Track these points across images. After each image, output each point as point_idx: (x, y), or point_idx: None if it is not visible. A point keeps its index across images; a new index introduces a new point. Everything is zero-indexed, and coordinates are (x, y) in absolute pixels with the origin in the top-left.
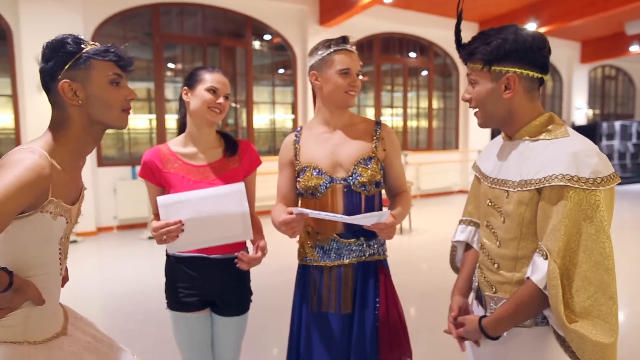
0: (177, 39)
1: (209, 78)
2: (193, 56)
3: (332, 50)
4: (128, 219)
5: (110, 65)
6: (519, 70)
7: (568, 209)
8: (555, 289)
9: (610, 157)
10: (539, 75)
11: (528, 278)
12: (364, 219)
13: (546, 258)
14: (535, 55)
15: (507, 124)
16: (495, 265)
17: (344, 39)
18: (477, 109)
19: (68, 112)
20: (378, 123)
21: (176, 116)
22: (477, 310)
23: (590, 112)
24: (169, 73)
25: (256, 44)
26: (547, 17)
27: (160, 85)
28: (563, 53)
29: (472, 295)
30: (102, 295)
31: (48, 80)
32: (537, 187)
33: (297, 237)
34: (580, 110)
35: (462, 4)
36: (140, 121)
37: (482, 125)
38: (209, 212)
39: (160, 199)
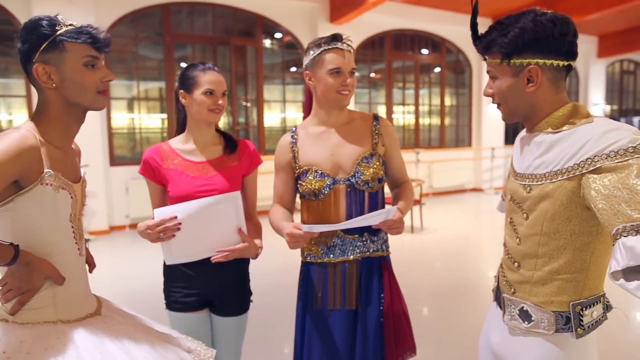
0: (188, 38)
1: (204, 80)
2: (204, 55)
3: (322, 49)
4: (140, 218)
5: (84, 47)
6: (541, 61)
7: (635, 174)
8: None
9: None
10: (566, 63)
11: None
12: (372, 219)
13: (636, 233)
14: (558, 42)
15: (530, 118)
16: (516, 264)
17: (334, 37)
18: (499, 105)
19: (45, 94)
20: (376, 118)
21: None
22: (496, 313)
23: (608, 107)
24: (180, 72)
25: (267, 43)
26: (562, 10)
27: (171, 85)
28: (579, 48)
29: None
30: (114, 293)
31: (25, 62)
32: (568, 176)
33: None
34: (598, 106)
35: None
36: (152, 120)
37: (505, 120)
38: (205, 222)
39: (157, 211)
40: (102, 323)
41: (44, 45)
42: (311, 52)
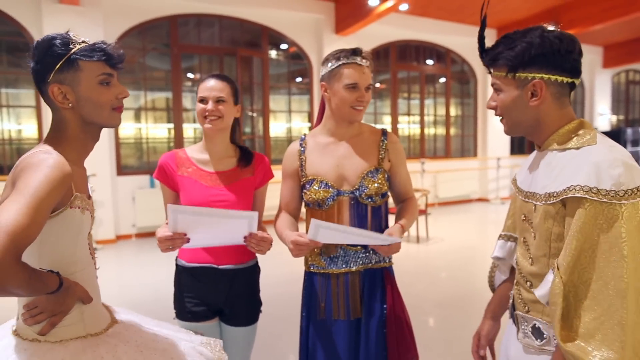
0: (195, 49)
1: (200, 89)
2: (210, 66)
3: (341, 62)
4: (147, 227)
5: (99, 65)
6: (546, 76)
7: (582, 222)
8: (555, 305)
9: None
10: (569, 80)
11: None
12: (372, 239)
13: None
14: (564, 58)
15: (535, 133)
16: (529, 284)
17: (354, 52)
18: (502, 117)
19: (62, 114)
20: (384, 133)
21: (194, 125)
22: (511, 329)
23: (614, 118)
24: (187, 83)
25: (272, 54)
26: (567, 22)
27: (178, 95)
28: (584, 58)
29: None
30: (120, 302)
31: (39, 83)
32: (559, 199)
33: None
34: (604, 117)
35: (486, 8)
36: (159, 130)
37: (508, 133)
38: (216, 229)
39: (171, 207)
40: (124, 330)
41: (59, 64)
42: (329, 64)
